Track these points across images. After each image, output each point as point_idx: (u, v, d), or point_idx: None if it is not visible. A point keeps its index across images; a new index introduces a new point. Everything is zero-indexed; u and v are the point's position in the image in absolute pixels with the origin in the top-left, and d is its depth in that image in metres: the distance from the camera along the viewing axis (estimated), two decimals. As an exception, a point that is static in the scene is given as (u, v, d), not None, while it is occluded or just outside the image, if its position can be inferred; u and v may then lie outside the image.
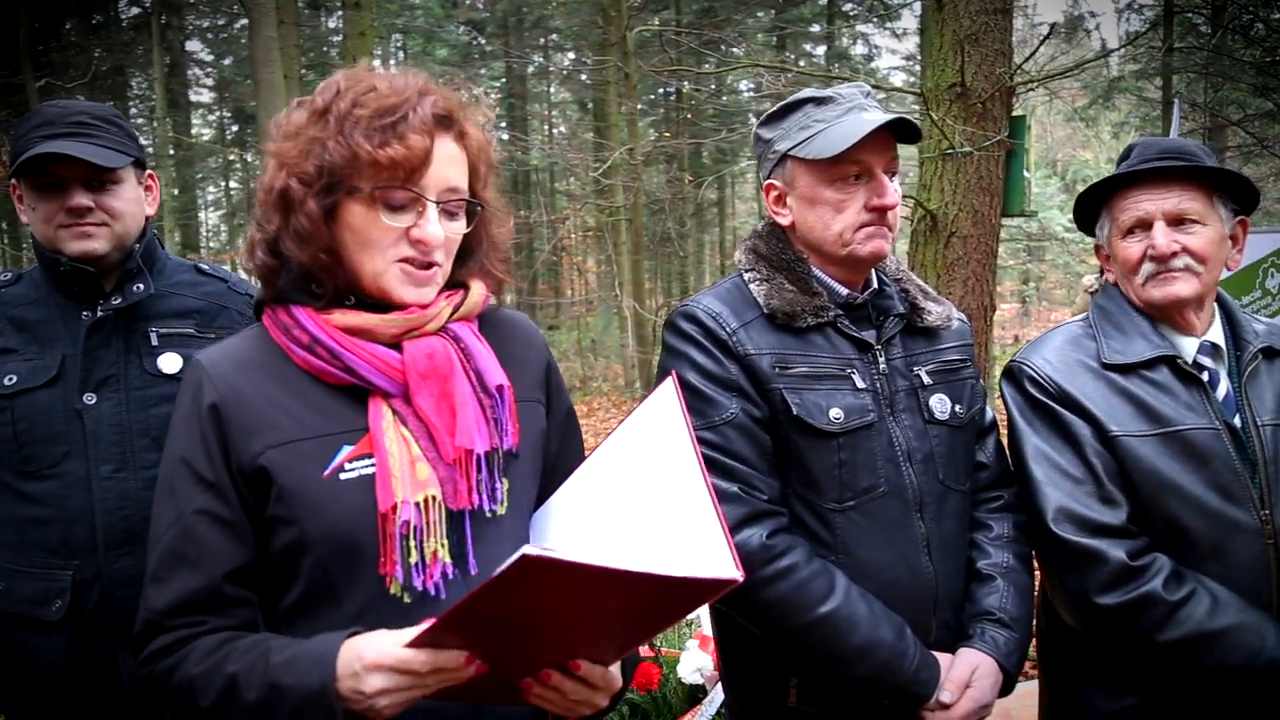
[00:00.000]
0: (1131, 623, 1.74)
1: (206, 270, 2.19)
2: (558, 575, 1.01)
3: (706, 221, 23.65)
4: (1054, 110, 22.46)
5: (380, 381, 1.31)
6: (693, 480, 1.22)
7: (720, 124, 18.03)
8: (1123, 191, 1.87)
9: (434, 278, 1.36)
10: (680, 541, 1.19)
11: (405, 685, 1.14)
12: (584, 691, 1.22)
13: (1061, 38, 16.51)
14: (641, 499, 1.26)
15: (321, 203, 1.29)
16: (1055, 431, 1.84)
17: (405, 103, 1.29)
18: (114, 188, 1.96)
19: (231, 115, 21.86)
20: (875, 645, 1.65)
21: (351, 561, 1.28)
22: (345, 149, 1.27)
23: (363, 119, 1.27)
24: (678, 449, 1.26)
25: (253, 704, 1.20)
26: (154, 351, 1.99)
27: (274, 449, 1.29)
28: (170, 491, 1.33)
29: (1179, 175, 1.82)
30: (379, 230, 1.30)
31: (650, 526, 1.23)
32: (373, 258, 1.32)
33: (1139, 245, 1.85)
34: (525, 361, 1.49)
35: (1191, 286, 1.82)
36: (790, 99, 1.81)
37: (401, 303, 1.34)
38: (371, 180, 1.28)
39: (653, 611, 1.16)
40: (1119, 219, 1.88)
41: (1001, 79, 5.54)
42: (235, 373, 1.34)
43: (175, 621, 1.29)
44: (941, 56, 5.71)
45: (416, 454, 1.29)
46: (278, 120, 1.37)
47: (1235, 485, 1.77)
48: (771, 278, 1.79)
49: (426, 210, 1.32)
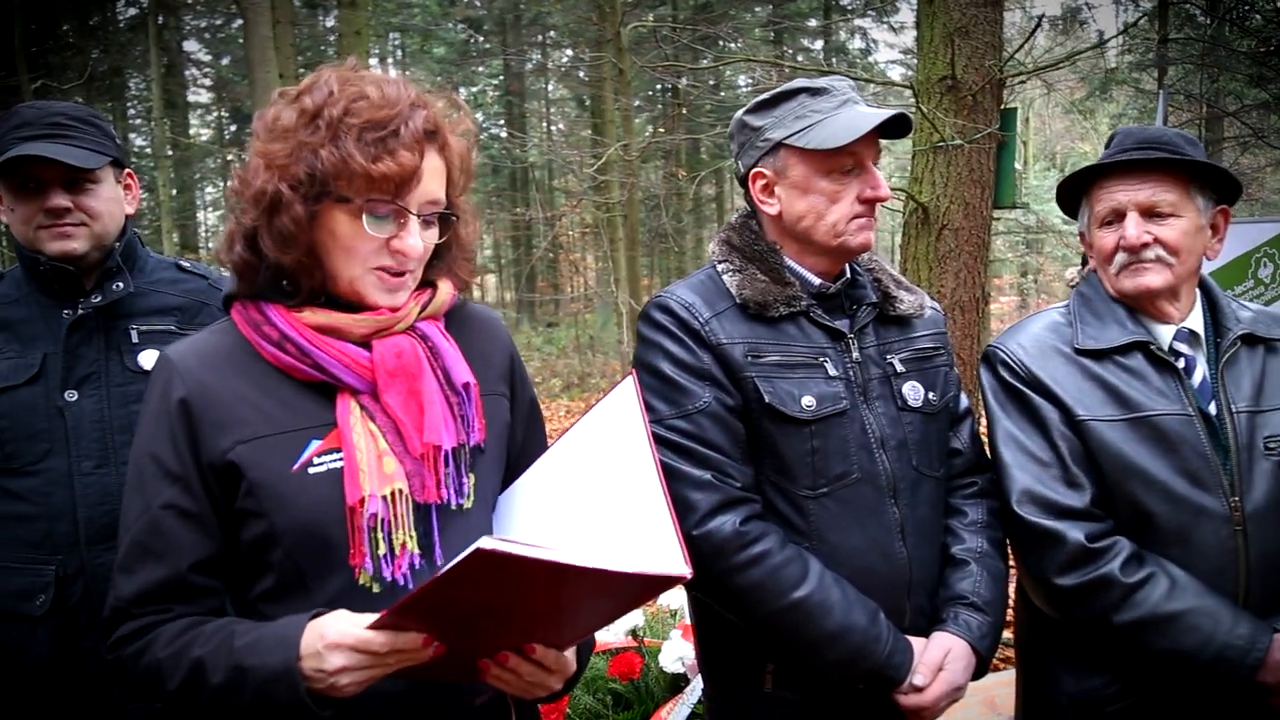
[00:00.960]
0: (1088, 604, 1.76)
1: (187, 268, 2.21)
2: (511, 568, 1.04)
3: (705, 217, 23.65)
4: (1052, 103, 22.44)
5: (349, 378, 1.34)
6: (647, 476, 1.26)
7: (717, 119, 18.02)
8: (1100, 181, 1.89)
9: (406, 283, 1.38)
10: (632, 536, 1.23)
11: (365, 664, 1.18)
12: (539, 674, 1.26)
13: (1060, 29, 16.48)
14: (597, 493, 1.31)
15: (308, 208, 1.30)
16: (1025, 415, 1.87)
17: (398, 116, 1.31)
18: (92, 188, 1.98)
19: (229, 115, 21.87)
20: (849, 630, 1.66)
21: (321, 554, 1.31)
22: (337, 159, 1.28)
23: (354, 128, 1.28)
24: (634, 445, 1.29)
25: (218, 686, 1.23)
26: (134, 349, 2.01)
27: (243, 444, 1.32)
28: (139, 485, 1.35)
29: (1155, 166, 1.83)
30: (362, 239, 1.32)
31: (604, 520, 1.27)
32: (351, 264, 1.34)
33: (1113, 235, 1.86)
34: (489, 355, 1.52)
35: (1163, 277, 1.82)
36: (782, 88, 1.82)
37: (374, 306, 1.36)
38: (361, 193, 1.30)
39: (604, 602, 1.21)
40: (1095, 209, 1.90)
41: (991, 71, 5.56)
42: (203, 368, 1.36)
43: (140, 609, 1.32)
44: (932, 49, 5.72)
45: (384, 448, 1.32)
46: (264, 118, 1.37)
47: (1205, 471, 1.77)
48: (744, 268, 1.81)
49: (409, 223, 1.34)
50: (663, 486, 1.23)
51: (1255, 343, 1.89)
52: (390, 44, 21.93)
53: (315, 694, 1.19)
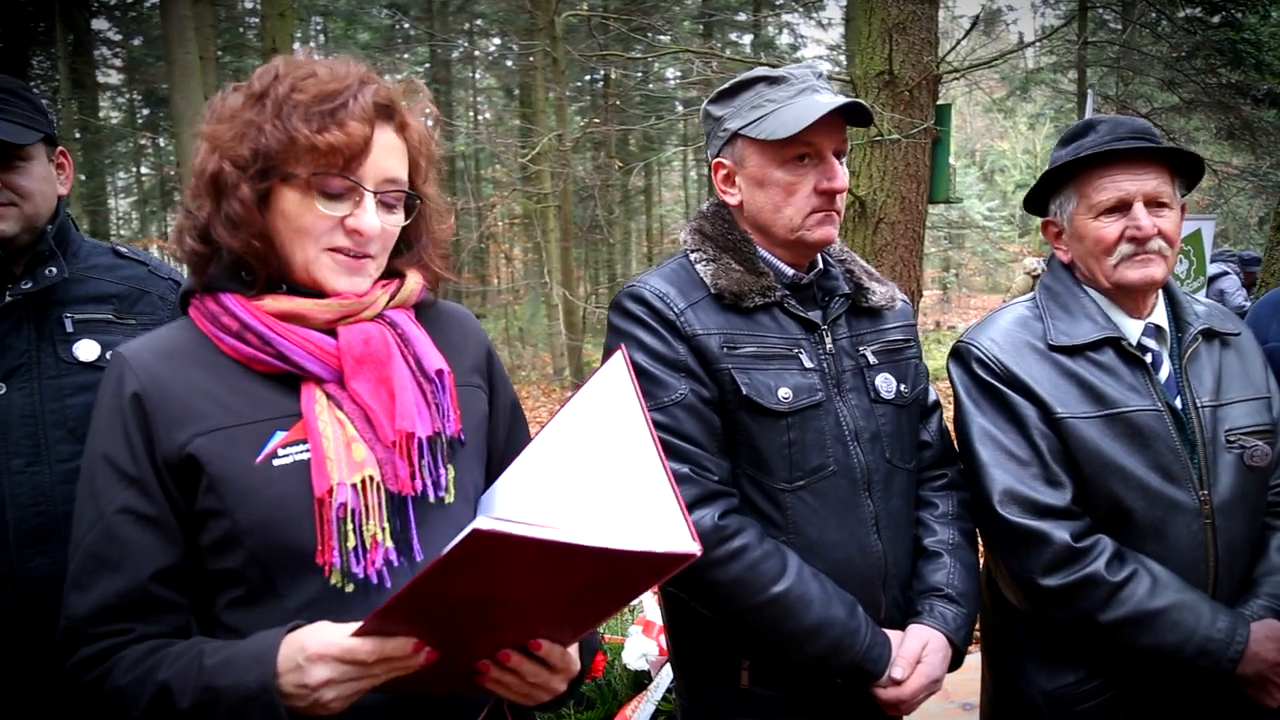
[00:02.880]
0: (1074, 603, 1.76)
1: (125, 253, 2.08)
2: (511, 550, 0.97)
3: (634, 209, 23.65)
4: (973, 101, 23.02)
5: (313, 366, 1.26)
6: (646, 455, 1.19)
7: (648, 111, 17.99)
8: (1098, 170, 1.84)
9: (366, 268, 1.32)
10: (636, 516, 1.16)
11: (352, 676, 1.10)
12: (543, 674, 1.19)
13: (981, 30, 16.91)
14: (594, 474, 1.24)
15: (255, 188, 1.24)
16: (1001, 412, 1.84)
17: (346, 90, 1.26)
18: (22, 165, 1.84)
19: (142, 98, 21.04)
20: (828, 624, 1.64)
21: (289, 554, 1.22)
22: (282, 133, 1.22)
23: (301, 104, 1.23)
24: (630, 423, 1.23)
25: (186, 711, 1.14)
26: (69, 339, 1.88)
27: (202, 436, 1.23)
28: (91, 491, 1.25)
29: (1154, 157, 1.81)
30: (313, 217, 1.26)
31: (605, 502, 1.20)
32: (304, 246, 1.27)
33: (1116, 225, 1.82)
34: (463, 348, 1.46)
35: (1162, 269, 1.82)
36: (742, 77, 1.79)
37: (333, 292, 1.29)
38: (308, 166, 1.24)
39: (609, 588, 1.13)
40: (1094, 198, 1.84)
41: (929, 68, 5.63)
42: (158, 362, 1.27)
43: (99, 629, 1.22)
44: (870, 45, 5.77)
45: (353, 434, 1.24)
46: (212, 103, 1.32)
47: (1175, 466, 1.79)
48: (718, 258, 1.77)
49: (363, 200, 1.27)
50: (663, 463, 1.17)
51: (1212, 337, 1.92)
52: (313, 28, 21.36)
53: (296, 713, 1.11)
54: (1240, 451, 1.83)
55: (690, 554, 1.06)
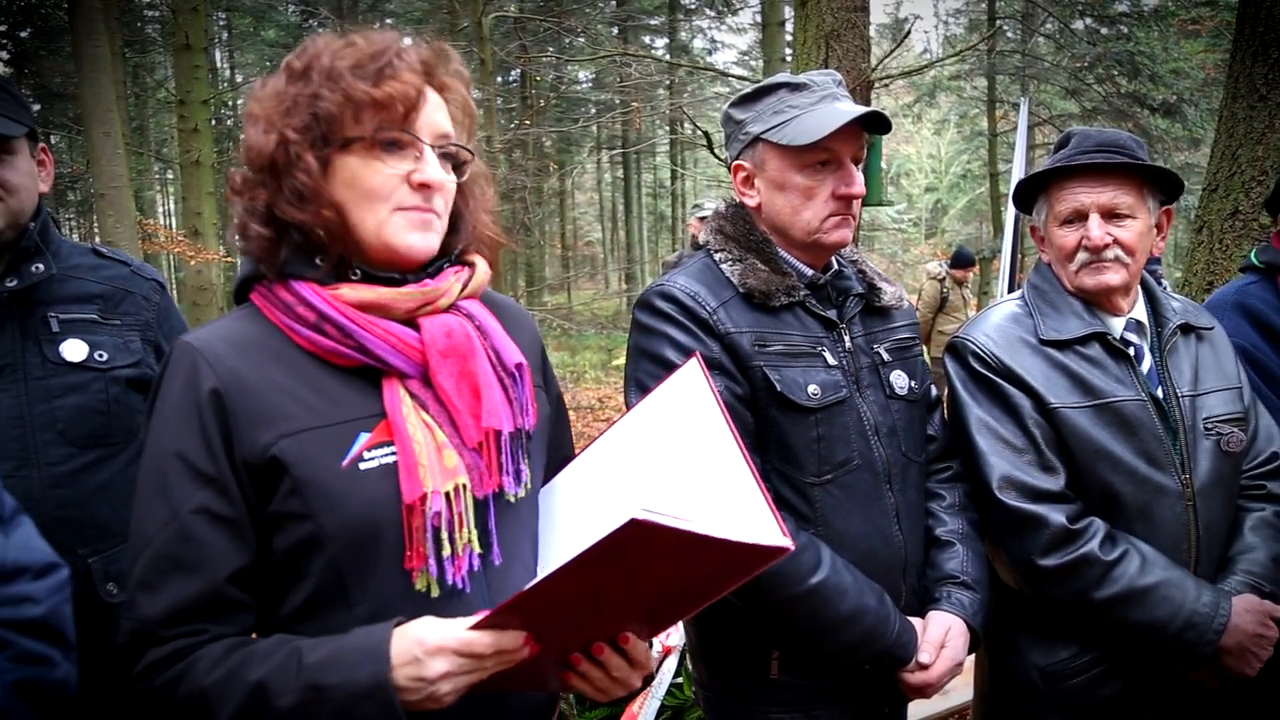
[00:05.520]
0: (1070, 582, 1.86)
1: (105, 253, 2.02)
2: (657, 541, 0.99)
3: (549, 211, 23.58)
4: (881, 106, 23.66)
5: (397, 361, 1.24)
6: (731, 454, 1.22)
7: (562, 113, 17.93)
8: (1061, 181, 1.97)
9: (434, 224, 1.29)
10: (730, 513, 1.19)
11: (468, 669, 1.11)
12: (625, 668, 1.21)
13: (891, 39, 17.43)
14: (681, 473, 1.26)
15: (318, 155, 1.22)
16: (997, 403, 1.95)
17: (388, 49, 1.25)
18: (7, 159, 1.77)
19: (32, 93, 20.01)
20: (862, 612, 1.70)
21: (368, 557, 1.21)
22: (339, 94, 1.21)
23: (349, 67, 1.23)
24: (711, 424, 1.26)
25: (287, 710, 1.12)
26: (55, 338, 1.82)
27: (287, 438, 1.20)
28: (162, 489, 1.20)
29: (1115, 169, 1.93)
30: (379, 178, 1.24)
31: (699, 499, 1.22)
32: (375, 209, 1.24)
33: (1074, 234, 1.96)
34: (524, 345, 1.44)
35: (1120, 276, 1.95)
36: (765, 82, 1.83)
37: (409, 252, 1.26)
38: (370, 123, 1.22)
39: (711, 582, 1.16)
40: (1056, 208, 1.98)
41: (863, 73, 5.79)
42: (234, 355, 1.23)
43: (171, 631, 1.18)
44: (806, 51, 5.90)
45: (443, 440, 1.23)
46: (254, 92, 1.29)
47: (1159, 452, 1.91)
48: (743, 258, 1.81)
49: (424, 153, 1.26)
50: (749, 462, 1.20)
51: (1188, 331, 2.06)
52: (217, 23, 20.66)
53: (408, 707, 1.11)
54: (1217, 438, 1.96)
55: (785, 548, 1.10)
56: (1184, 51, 14.18)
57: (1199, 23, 13.92)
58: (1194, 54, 14.49)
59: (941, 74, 16.16)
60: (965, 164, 26.94)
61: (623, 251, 28.41)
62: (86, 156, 8.55)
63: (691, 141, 19.69)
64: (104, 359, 1.86)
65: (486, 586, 1.26)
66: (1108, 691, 1.96)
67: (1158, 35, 12.57)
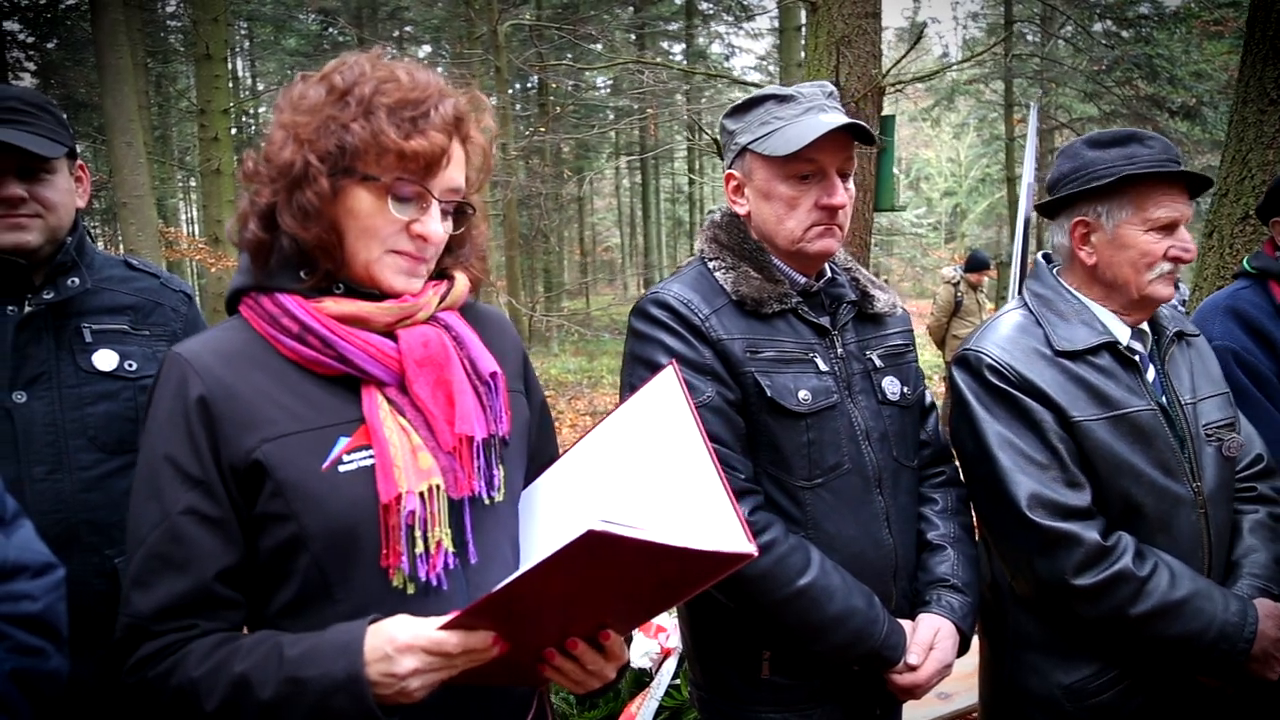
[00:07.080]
0: (1105, 600, 1.81)
1: (136, 265, 2.09)
2: (615, 550, 1.03)
3: (568, 217, 23.67)
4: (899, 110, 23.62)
5: (376, 370, 1.30)
6: (701, 461, 1.26)
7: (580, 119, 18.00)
8: (1159, 186, 1.90)
9: (422, 271, 1.36)
10: (696, 519, 1.22)
11: (437, 666, 1.15)
12: (600, 661, 1.26)
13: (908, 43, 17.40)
14: (652, 479, 1.29)
15: (333, 183, 1.27)
16: (1017, 418, 1.88)
17: (429, 99, 1.29)
18: (48, 178, 1.85)
19: (58, 102, 20.33)
20: (850, 613, 1.73)
21: (349, 556, 1.26)
22: (368, 134, 1.25)
23: (386, 106, 1.26)
24: (683, 431, 1.29)
25: (267, 701, 1.17)
26: (88, 348, 1.89)
27: (269, 442, 1.25)
28: (154, 492, 1.26)
29: (1182, 181, 1.92)
30: (384, 220, 1.29)
31: (667, 505, 1.26)
32: (370, 245, 1.30)
33: (1165, 243, 1.90)
34: (505, 352, 1.50)
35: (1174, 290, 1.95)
36: (755, 94, 1.86)
37: (391, 290, 1.33)
38: (390, 170, 1.27)
39: (675, 586, 1.20)
40: (1152, 213, 1.90)
41: (874, 79, 5.80)
42: (220, 364, 1.29)
43: (163, 626, 1.24)
44: (817, 57, 5.92)
45: (418, 443, 1.28)
46: (288, 94, 1.34)
47: (1173, 461, 1.89)
48: (737, 266, 1.85)
49: (430, 207, 1.31)
50: (717, 468, 1.23)
51: (1181, 338, 2.06)
52: (239, 32, 20.92)
53: (380, 701, 1.16)
54: (1218, 444, 1.96)
55: (748, 554, 1.14)
56: (1206, 54, 14.08)
57: (1222, 24, 13.81)
58: (1217, 56, 14.38)
59: (959, 78, 16.11)
60: (984, 168, 26.84)
61: (641, 256, 28.48)
62: (109, 165, 8.68)
63: (708, 148, 19.74)
64: (133, 368, 1.93)
65: (466, 585, 1.31)
66: (1133, 705, 1.92)
67: (1178, 38, 12.48)
